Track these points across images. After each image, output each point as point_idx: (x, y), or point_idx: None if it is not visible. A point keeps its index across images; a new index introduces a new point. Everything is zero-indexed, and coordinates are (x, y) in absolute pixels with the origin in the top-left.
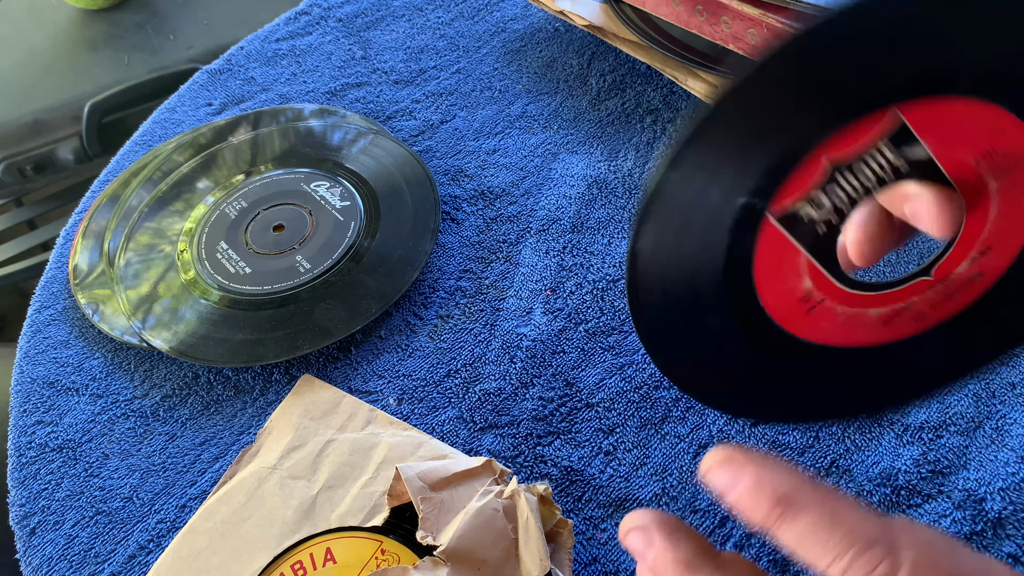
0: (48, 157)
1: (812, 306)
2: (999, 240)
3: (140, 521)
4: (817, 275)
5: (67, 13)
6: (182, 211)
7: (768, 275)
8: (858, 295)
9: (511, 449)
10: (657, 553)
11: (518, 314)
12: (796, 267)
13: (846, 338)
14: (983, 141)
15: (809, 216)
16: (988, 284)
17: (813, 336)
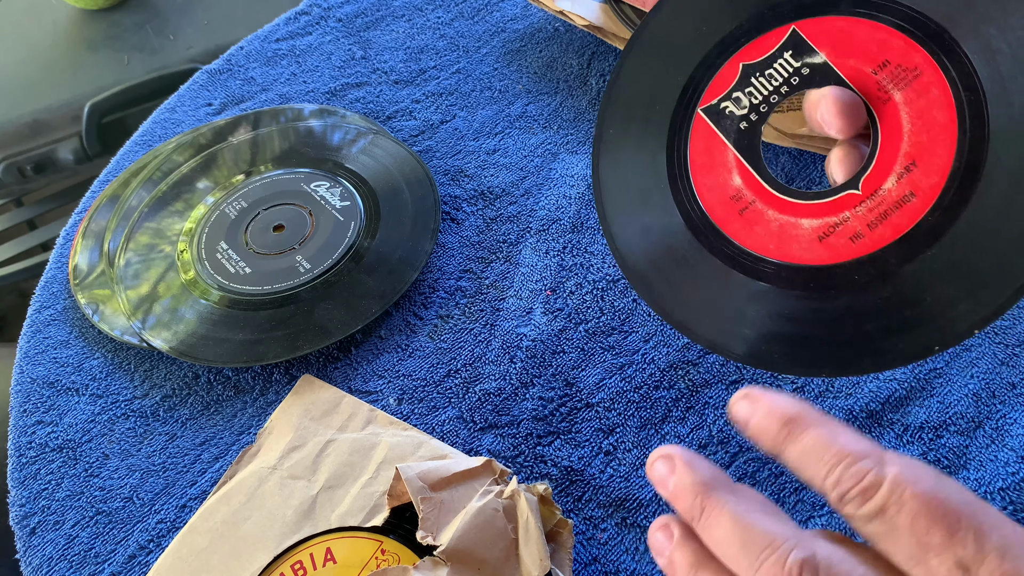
0: (48, 157)
1: (744, 207)
2: (922, 155)
3: (140, 521)
4: (745, 173)
5: (67, 13)
6: (182, 211)
7: (702, 167)
8: (787, 201)
9: (511, 449)
10: (678, 478)
11: (518, 314)
12: (725, 161)
13: (782, 250)
14: (876, 54)
15: (730, 110)
16: (924, 208)
17: (749, 242)
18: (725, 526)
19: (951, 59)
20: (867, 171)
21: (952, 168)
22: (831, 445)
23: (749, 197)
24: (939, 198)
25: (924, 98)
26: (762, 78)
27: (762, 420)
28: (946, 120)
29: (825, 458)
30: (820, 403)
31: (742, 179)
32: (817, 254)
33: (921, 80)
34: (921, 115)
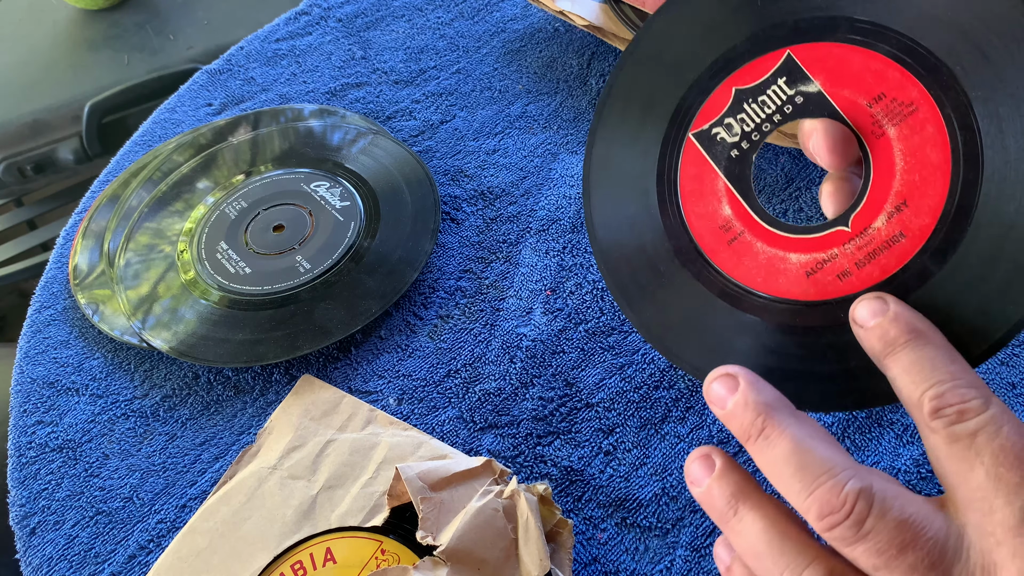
0: (48, 157)
1: (733, 237)
2: (913, 195)
3: (140, 521)
4: (735, 203)
5: (67, 13)
6: (182, 211)
7: (692, 193)
8: (777, 234)
9: (511, 449)
10: (740, 396)
11: (518, 314)
12: (715, 190)
13: (769, 283)
14: (872, 85)
15: (721, 137)
16: (913, 250)
17: (737, 273)
18: (784, 447)
19: (948, 96)
20: (857, 208)
21: (943, 210)
22: (950, 365)
23: (738, 228)
24: (928, 240)
25: (918, 135)
26: (755, 104)
27: (888, 324)
28: (940, 160)
29: (938, 374)
30: None
31: (732, 209)
32: (804, 290)
33: (916, 116)
34: (914, 153)
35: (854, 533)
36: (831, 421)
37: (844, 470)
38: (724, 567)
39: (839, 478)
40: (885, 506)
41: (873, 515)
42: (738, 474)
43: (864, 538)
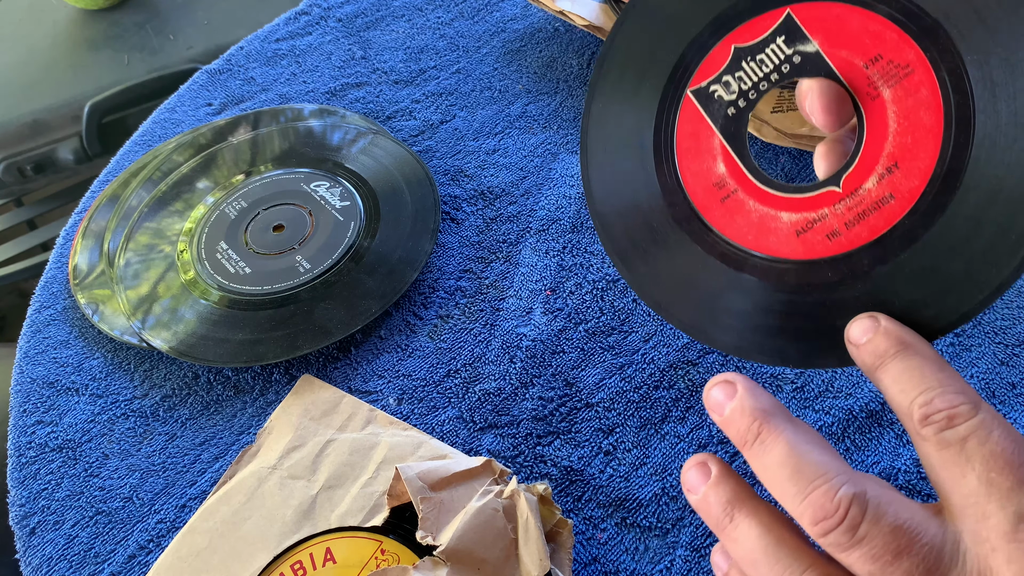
0: (48, 157)
1: (726, 194)
2: (905, 157)
3: (140, 521)
4: (729, 161)
5: (67, 13)
6: (182, 211)
7: (688, 151)
8: (769, 193)
9: (511, 449)
10: (737, 402)
11: (518, 314)
12: (711, 147)
13: (759, 241)
14: (870, 47)
15: (719, 95)
16: (902, 211)
17: (728, 231)
18: (779, 452)
19: (944, 59)
20: (849, 169)
21: (933, 173)
22: (938, 373)
23: (732, 186)
24: (917, 203)
25: (913, 98)
26: (753, 63)
27: (879, 338)
28: (932, 123)
29: (926, 382)
30: (820, 402)
31: (726, 167)
32: (793, 248)
33: (912, 79)
34: (908, 115)
35: (848, 539)
36: (831, 421)
37: (838, 475)
38: (721, 574)
39: (833, 483)
40: (880, 511)
41: (867, 521)
42: (734, 481)
43: (859, 544)
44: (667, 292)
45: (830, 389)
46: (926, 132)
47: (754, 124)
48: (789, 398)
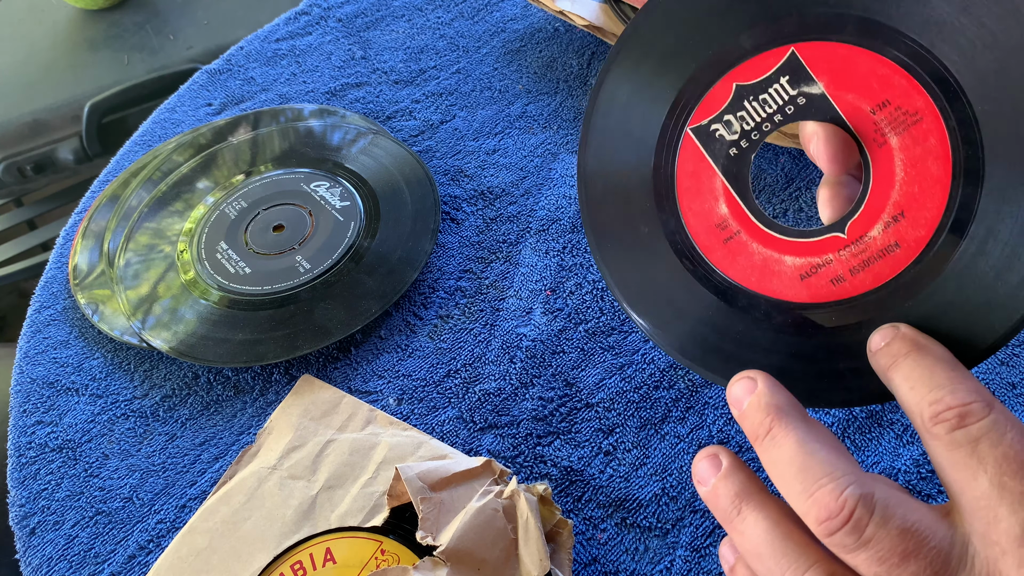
0: (48, 157)
1: (729, 236)
2: (911, 207)
3: (140, 521)
4: (732, 202)
5: (67, 13)
6: (182, 211)
7: (689, 189)
8: (773, 236)
9: (511, 449)
10: (755, 398)
11: (518, 314)
12: (713, 188)
13: (763, 284)
14: (878, 91)
15: (720, 134)
16: (907, 260)
17: (732, 272)
18: (788, 448)
19: (954, 108)
20: (855, 215)
21: (940, 223)
22: (950, 371)
23: (735, 227)
24: (923, 252)
25: (921, 146)
26: (756, 103)
27: (896, 341)
28: (940, 173)
29: (936, 379)
30: None
31: (728, 208)
32: (797, 292)
33: (920, 126)
34: (916, 164)
35: (854, 540)
36: (831, 421)
37: (845, 475)
38: (728, 567)
39: (839, 482)
40: (887, 514)
41: (874, 523)
42: (744, 474)
43: (864, 546)
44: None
45: None
46: (934, 182)
47: None
48: None
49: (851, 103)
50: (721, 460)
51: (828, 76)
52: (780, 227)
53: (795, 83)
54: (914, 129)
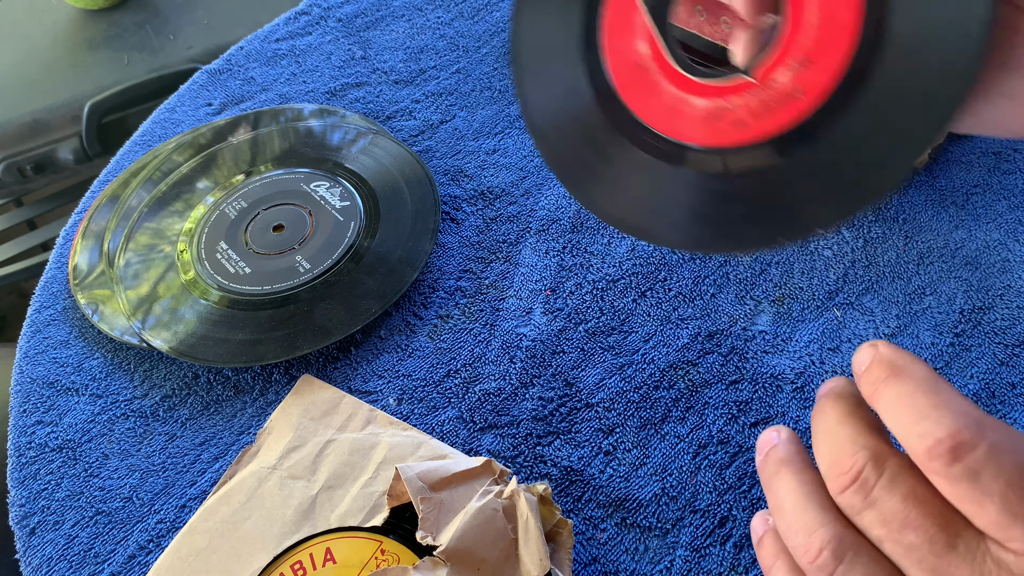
0: (48, 157)
1: (644, 74)
2: (819, 54)
3: (140, 521)
4: (652, 42)
5: (67, 13)
6: (182, 211)
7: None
8: (684, 77)
9: (511, 449)
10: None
11: (518, 314)
12: (636, 26)
13: (669, 124)
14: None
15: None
16: (809, 105)
17: (640, 109)
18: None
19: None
20: (763, 58)
21: (844, 73)
22: (932, 398)
23: (650, 66)
24: (825, 100)
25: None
26: None
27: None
28: (849, 21)
29: (920, 408)
30: None
31: (649, 48)
32: (700, 135)
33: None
34: (828, 10)
35: (861, 500)
36: None
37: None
38: (756, 538)
39: (857, 444)
40: (896, 479)
41: (880, 485)
42: (793, 447)
43: (871, 507)
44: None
45: None
46: (842, 30)
47: None
48: (789, 398)
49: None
50: (779, 434)
51: None
52: (694, 69)
53: None
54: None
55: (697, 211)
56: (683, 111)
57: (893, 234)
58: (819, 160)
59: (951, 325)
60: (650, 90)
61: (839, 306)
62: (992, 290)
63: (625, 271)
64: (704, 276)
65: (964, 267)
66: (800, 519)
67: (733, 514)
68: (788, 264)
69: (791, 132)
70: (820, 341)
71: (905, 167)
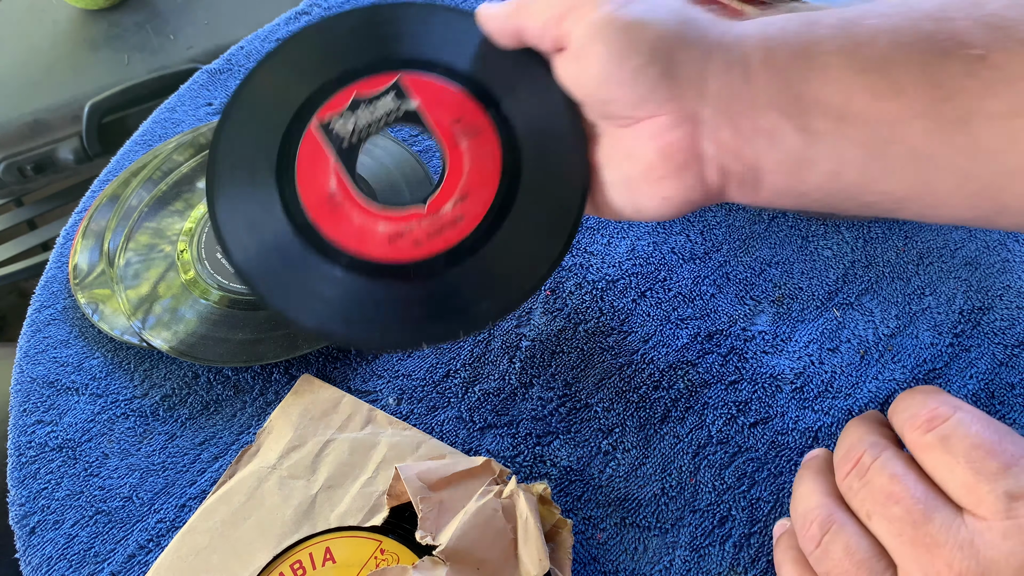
0: (48, 157)
1: (335, 207)
2: (473, 191)
3: (140, 521)
4: (340, 180)
5: (67, 13)
6: (182, 211)
7: (307, 171)
8: (369, 207)
9: (510, 449)
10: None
11: (517, 314)
12: (327, 169)
13: (359, 244)
14: (456, 110)
15: (336, 129)
16: (469, 228)
17: (333, 233)
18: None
19: (503, 126)
20: (433, 195)
21: (491, 205)
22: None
23: (340, 198)
24: (479, 224)
25: (482, 149)
26: (368, 109)
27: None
28: (492, 169)
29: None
30: (819, 403)
31: (338, 185)
32: (386, 252)
33: (481, 136)
34: (478, 162)
35: (858, 480)
36: (830, 421)
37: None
38: (776, 536)
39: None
40: (888, 464)
41: (874, 468)
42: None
43: (865, 486)
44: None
45: (829, 390)
46: (489, 175)
47: None
48: (788, 398)
49: (437, 116)
50: (815, 454)
51: (422, 97)
52: (375, 203)
53: (399, 99)
54: (478, 137)
55: (389, 315)
56: (370, 234)
57: (893, 234)
58: (479, 268)
59: (951, 325)
60: (341, 217)
61: (838, 306)
62: (992, 290)
63: (625, 271)
64: (703, 276)
65: (964, 267)
66: (808, 501)
67: (732, 514)
68: (788, 264)
69: (456, 248)
70: (819, 341)
71: (545, 269)
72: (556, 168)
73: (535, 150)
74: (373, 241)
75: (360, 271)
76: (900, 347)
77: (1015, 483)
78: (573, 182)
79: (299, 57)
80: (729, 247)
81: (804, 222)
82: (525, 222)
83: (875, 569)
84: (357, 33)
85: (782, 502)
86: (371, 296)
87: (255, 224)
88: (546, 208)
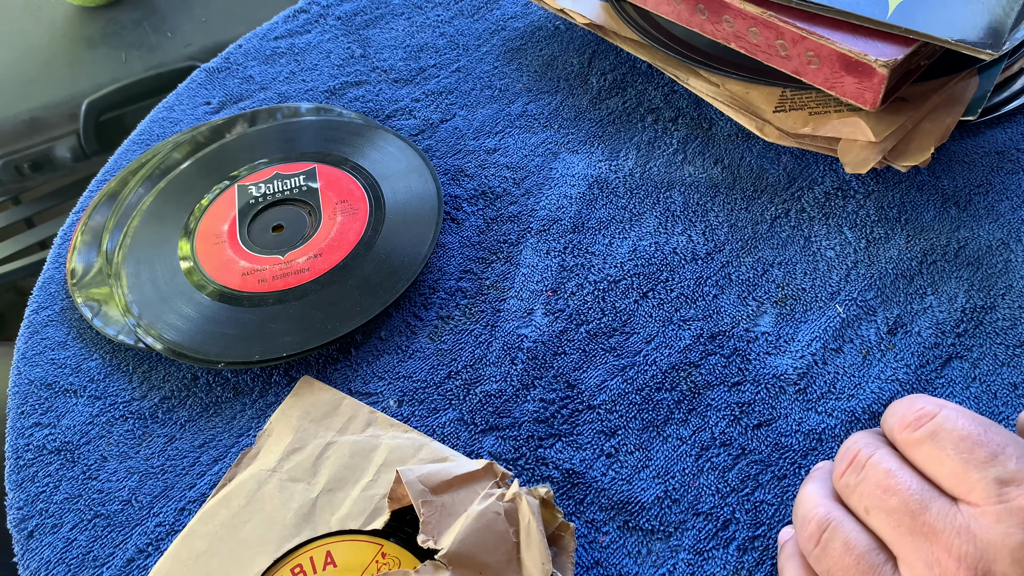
0: (45, 155)
1: (218, 242)
2: (327, 252)
3: (139, 524)
4: (231, 226)
5: (65, 10)
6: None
7: (214, 215)
8: (241, 248)
9: (512, 451)
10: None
11: (519, 315)
12: (228, 216)
13: (221, 276)
14: (346, 193)
15: (251, 192)
16: (310, 278)
17: (206, 266)
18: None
19: (377, 211)
20: (295, 248)
21: (334, 266)
22: (902, 399)
23: (224, 239)
24: (318, 278)
25: (352, 224)
26: (281, 182)
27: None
28: (351, 240)
29: (893, 406)
30: (823, 404)
31: (228, 229)
32: (239, 284)
33: (357, 215)
34: (343, 233)
35: (855, 476)
36: (834, 423)
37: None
38: (780, 543)
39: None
40: (884, 460)
41: (870, 464)
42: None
43: (862, 482)
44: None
45: (832, 391)
46: (347, 245)
47: (756, 123)
48: (792, 399)
49: (329, 196)
50: (821, 465)
51: (324, 181)
52: (251, 245)
53: (308, 180)
54: (354, 215)
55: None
56: (233, 269)
57: (895, 234)
58: (301, 311)
59: (953, 325)
60: (218, 252)
61: (841, 303)
62: (994, 290)
63: (627, 272)
64: (706, 277)
65: (966, 267)
66: (805, 505)
67: (736, 517)
68: (790, 265)
69: (289, 291)
70: (823, 341)
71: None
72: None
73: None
74: (233, 275)
75: (220, 297)
76: (903, 347)
77: (1003, 469)
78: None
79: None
80: (731, 247)
81: (807, 223)
82: (356, 281)
83: (875, 562)
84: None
85: (786, 505)
86: (227, 318)
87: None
88: (384, 272)
